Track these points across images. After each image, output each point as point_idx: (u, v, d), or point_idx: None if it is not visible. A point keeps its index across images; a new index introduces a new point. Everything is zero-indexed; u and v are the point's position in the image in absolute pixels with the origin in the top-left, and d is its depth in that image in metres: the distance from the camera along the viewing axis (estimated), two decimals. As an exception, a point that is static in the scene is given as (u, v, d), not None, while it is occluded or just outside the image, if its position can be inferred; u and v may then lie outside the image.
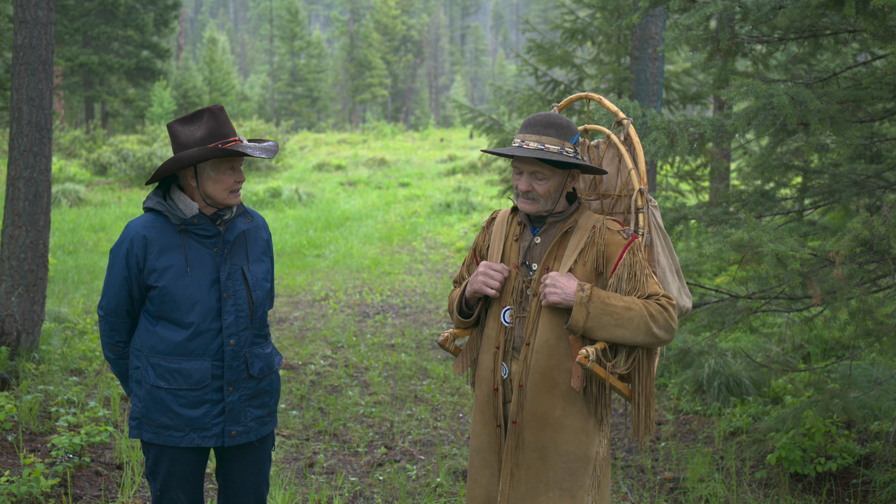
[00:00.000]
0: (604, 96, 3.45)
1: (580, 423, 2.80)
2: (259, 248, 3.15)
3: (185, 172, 2.98)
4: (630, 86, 8.05)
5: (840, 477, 4.59)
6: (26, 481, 4.12)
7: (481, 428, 2.94)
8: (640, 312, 2.70)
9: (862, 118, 4.34)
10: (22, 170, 6.10)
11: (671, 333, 2.74)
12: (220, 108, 2.98)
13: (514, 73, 53.71)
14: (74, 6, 27.88)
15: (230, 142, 2.94)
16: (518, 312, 2.87)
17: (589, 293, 2.68)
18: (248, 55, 76.09)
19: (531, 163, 2.79)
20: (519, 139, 2.83)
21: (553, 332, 2.79)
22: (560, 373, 2.79)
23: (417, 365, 7.14)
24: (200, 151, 2.89)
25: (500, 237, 2.97)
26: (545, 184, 2.80)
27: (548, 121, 2.82)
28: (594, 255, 2.79)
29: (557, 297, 2.70)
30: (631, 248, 2.79)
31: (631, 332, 2.70)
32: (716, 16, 4.29)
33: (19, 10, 6.06)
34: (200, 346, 2.97)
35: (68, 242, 12.34)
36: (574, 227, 2.85)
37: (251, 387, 3.06)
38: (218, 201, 2.99)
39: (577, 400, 2.80)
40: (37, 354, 6.20)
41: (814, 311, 5.62)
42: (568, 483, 2.79)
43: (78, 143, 24.86)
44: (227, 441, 3.03)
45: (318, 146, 34.24)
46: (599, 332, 2.70)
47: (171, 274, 2.95)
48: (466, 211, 17.01)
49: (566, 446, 2.79)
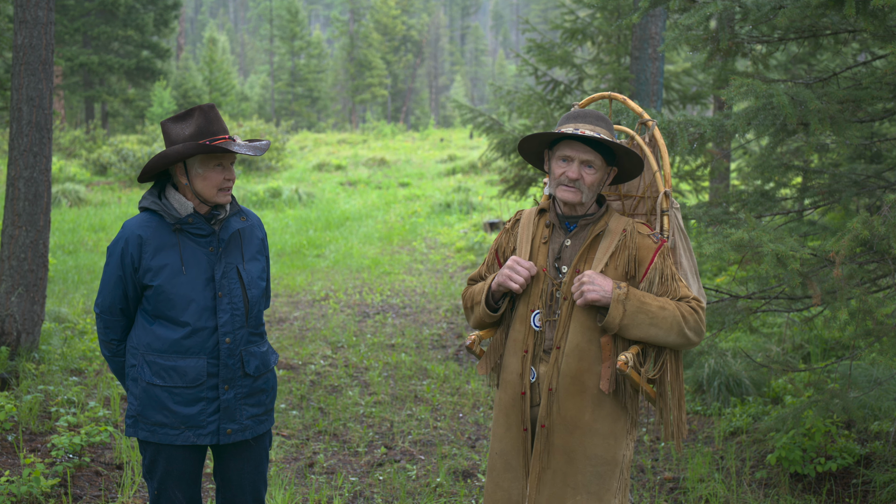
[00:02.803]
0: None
1: (609, 426, 2.79)
2: (254, 246, 3.15)
3: (176, 170, 2.99)
4: (630, 86, 8.05)
5: (840, 477, 4.59)
6: (26, 481, 4.12)
7: (505, 431, 2.90)
8: (673, 313, 2.70)
9: (862, 118, 4.33)
10: (22, 170, 6.10)
11: (700, 336, 2.75)
12: (210, 106, 2.98)
13: (514, 73, 53.68)
14: (74, 6, 27.87)
15: (219, 139, 2.94)
16: (548, 316, 2.83)
17: (626, 291, 2.68)
18: (248, 55, 76.08)
19: (585, 151, 2.76)
20: (571, 127, 2.78)
21: (584, 335, 2.77)
22: (590, 376, 2.77)
23: (417, 365, 7.14)
24: (185, 147, 2.90)
25: (527, 238, 2.92)
26: (594, 175, 2.78)
27: (598, 115, 2.81)
28: (626, 258, 2.78)
29: (596, 295, 2.68)
30: (661, 252, 2.78)
31: (664, 332, 2.70)
32: (716, 16, 4.29)
33: (19, 10, 6.06)
34: (196, 344, 2.98)
35: (68, 242, 12.34)
36: (605, 230, 2.82)
37: (247, 385, 3.07)
38: (207, 199, 2.99)
39: (606, 403, 2.79)
40: (37, 354, 6.20)
41: (814, 311, 5.61)
42: (596, 486, 2.79)
43: (78, 143, 24.86)
44: (223, 439, 3.03)
45: (318, 146, 34.24)
46: (634, 330, 2.69)
47: (166, 273, 2.96)
48: (466, 211, 17.01)
49: (594, 450, 2.78)
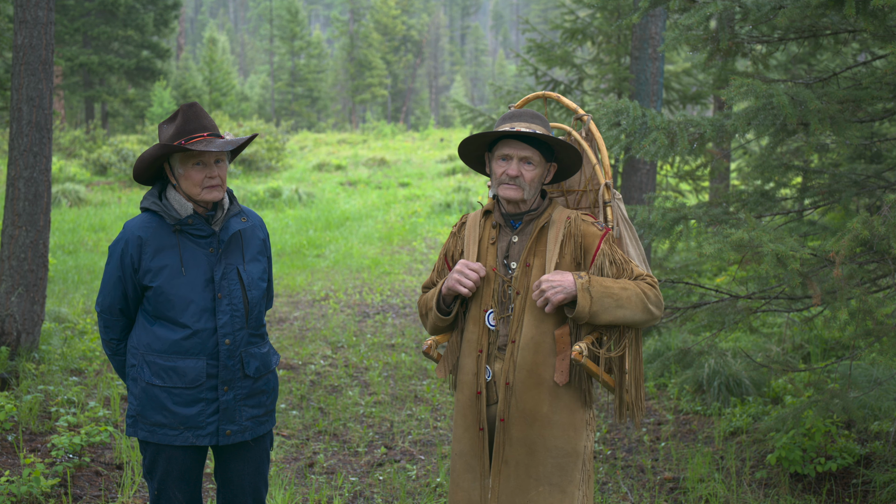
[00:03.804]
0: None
1: (567, 418, 2.81)
2: (255, 247, 3.14)
3: (166, 170, 3.02)
4: (630, 86, 8.05)
5: (840, 477, 4.58)
6: (26, 481, 4.12)
7: (463, 432, 2.94)
8: (635, 291, 2.75)
9: (862, 118, 4.33)
10: (22, 170, 6.10)
11: (661, 310, 2.81)
12: (190, 105, 2.98)
13: (514, 73, 53.68)
14: (74, 6, 27.86)
15: (195, 137, 2.94)
16: (501, 313, 2.87)
17: (587, 279, 2.72)
18: (248, 55, 76.06)
19: (523, 148, 2.81)
20: (507, 126, 2.83)
21: (538, 328, 2.80)
22: (546, 369, 2.80)
23: (417, 365, 7.14)
24: (154, 149, 2.93)
25: (474, 240, 2.96)
26: (533, 171, 2.82)
27: (533, 113, 2.87)
28: (572, 246, 2.83)
29: (561, 295, 2.70)
30: (606, 239, 2.83)
31: (631, 311, 2.74)
32: (716, 16, 4.29)
33: (19, 10, 6.06)
34: (196, 345, 2.98)
35: (68, 242, 12.34)
36: (549, 221, 2.87)
37: (246, 386, 3.06)
38: (193, 197, 3.00)
39: (563, 395, 2.81)
40: (37, 354, 6.20)
41: (814, 311, 5.62)
42: (558, 478, 2.81)
43: (78, 143, 24.85)
44: (222, 440, 3.03)
45: (318, 146, 34.22)
46: (603, 315, 2.72)
47: (166, 274, 2.97)
48: (466, 211, 17.01)
49: (554, 441, 2.80)
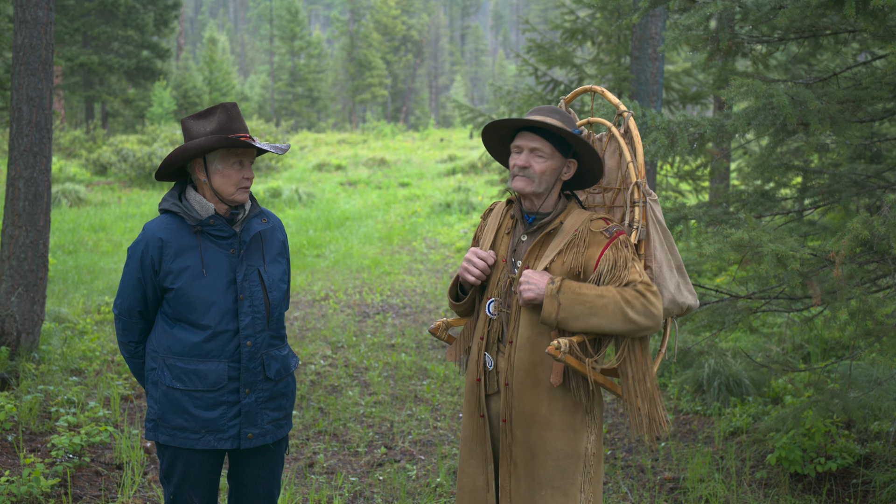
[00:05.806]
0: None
1: (566, 419, 2.79)
2: (275, 249, 3.12)
3: (195, 166, 2.96)
4: (630, 86, 8.05)
5: (840, 477, 4.58)
6: (26, 481, 4.12)
7: (467, 418, 2.97)
8: (613, 299, 2.67)
9: (862, 118, 4.33)
10: (22, 170, 6.10)
11: (652, 319, 2.69)
12: (233, 105, 2.97)
13: (514, 73, 53.68)
14: (74, 6, 27.86)
15: (242, 137, 2.92)
16: (502, 306, 2.88)
17: (558, 285, 2.68)
18: (248, 55, 76.07)
19: (533, 139, 2.81)
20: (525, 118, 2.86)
21: (534, 329, 2.79)
22: (543, 369, 2.79)
23: (417, 365, 7.14)
24: (207, 140, 2.87)
25: (493, 227, 2.99)
26: (543, 163, 2.81)
27: (552, 108, 2.87)
28: (572, 257, 2.79)
29: (531, 293, 2.71)
30: (614, 244, 2.77)
31: (607, 319, 2.67)
32: (716, 16, 4.29)
33: (19, 10, 6.06)
34: (217, 347, 2.94)
35: (68, 242, 12.34)
36: (558, 228, 2.84)
37: (267, 389, 3.03)
38: (225, 196, 2.96)
39: (561, 397, 2.79)
40: (37, 354, 6.20)
41: (814, 311, 5.62)
42: (559, 481, 2.79)
43: (78, 143, 24.86)
44: (244, 444, 2.99)
45: (318, 146, 34.23)
46: (574, 322, 2.68)
47: (187, 276, 2.92)
48: (466, 211, 17.01)
49: (554, 444, 2.79)
